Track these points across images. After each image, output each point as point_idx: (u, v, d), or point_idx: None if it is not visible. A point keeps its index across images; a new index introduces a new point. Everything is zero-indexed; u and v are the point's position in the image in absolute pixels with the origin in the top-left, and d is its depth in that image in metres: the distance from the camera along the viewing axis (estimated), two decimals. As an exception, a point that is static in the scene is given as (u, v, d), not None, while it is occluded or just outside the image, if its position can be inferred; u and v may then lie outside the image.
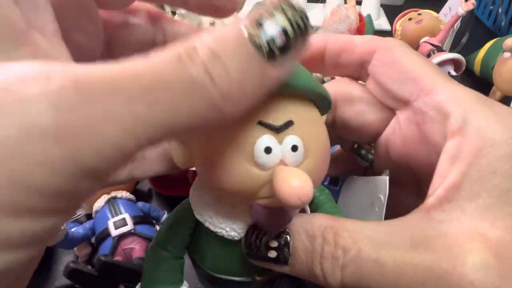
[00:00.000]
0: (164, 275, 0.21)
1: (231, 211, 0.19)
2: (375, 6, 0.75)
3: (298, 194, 0.14)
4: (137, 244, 0.33)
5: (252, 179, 0.16)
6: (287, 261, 0.17)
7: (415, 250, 0.15)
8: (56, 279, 0.34)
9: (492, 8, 0.74)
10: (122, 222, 0.33)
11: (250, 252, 0.18)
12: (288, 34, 0.12)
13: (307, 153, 0.16)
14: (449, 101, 0.16)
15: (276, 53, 0.12)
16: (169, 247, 0.21)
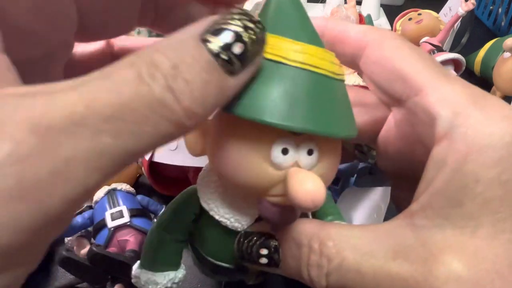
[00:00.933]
0: (163, 256, 0.22)
1: (238, 203, 0.19)
2: (375, 6, 0.75)
3: (312, 197, 0.14)
4: (132, 237, 0.33)
5: (266, 177, 0.16)
6: (278, 265, 0.17)
7: (394, 260, 0.15)
8: (56, 279, 0.34)
9: (492, 8, 0.74)
10: (119, 214, 0.33)
11: (242, 257, 0.18)
12: (244, 41, 0.13)
13: (321, 157, 0.16)
14: (437, 103, 0.16)
15: (234, 61, 0.12)
16: (171, 230, 0.21)
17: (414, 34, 0.62)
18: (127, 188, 0.37)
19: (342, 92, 0.17)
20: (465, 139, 0.15)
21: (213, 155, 0.17)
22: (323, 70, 0.15)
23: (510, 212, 0.14)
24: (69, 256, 0.29)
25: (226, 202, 0.19)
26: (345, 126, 0.16)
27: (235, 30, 0.13)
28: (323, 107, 0.15)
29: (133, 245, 0.32)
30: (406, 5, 0.83)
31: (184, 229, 0.21)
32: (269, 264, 0.17)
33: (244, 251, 0.18)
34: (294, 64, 0.15)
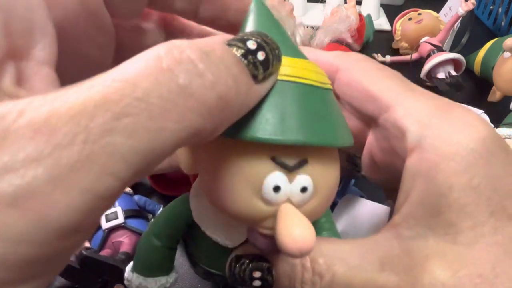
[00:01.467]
0: (155, 263, 0.22)
1: (230, 223, 0.19)
2: (375, 6, 0.75)
3: (298, 246, 0.14)
4: (127, 238, 0.33)
5: (256, 212, 0.15)
6: (272, 286, 0.17)
7: (382, 272, 0.15)
8: (56, 279, 0.34)
9: (492, 8, 0.74)
10: (114, 215, 0.33)
11: (235, 281, 0.18)
12: (266, 51, 0.13)
13: (316, 193, 0.16)
14: (405, 118, 0.16)
15: (259, 66, 0.13)
16: (163, 237, 0.21)
17: (414, 34, 0.62)
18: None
19: (331, 100, 0.16)
20: (434, 149, 0.15)
21: (204, 181, 0.17)
22: (309, 81, 0.15)
23: (486, 216, 0.14)
24: None
25: (217, 221, 0.19)
26: (340, 135, 0.16)
27: (258, 41, 0.13)
28: (315, 117, 0.15)
29: (127, 246, 0.32)
30: (406, 5, 0.83)
31: (175, 236, 0.22)
32: (262, 286, 0.17)
33: (237, 275, 0.18)
34: (280, 78, 0.14)
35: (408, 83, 0.18)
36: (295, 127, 0.14)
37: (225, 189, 0.15)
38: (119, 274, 0.29)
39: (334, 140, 0.15)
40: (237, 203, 0.15)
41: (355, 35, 0.57)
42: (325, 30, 0.55)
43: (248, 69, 0.12)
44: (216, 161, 0.15)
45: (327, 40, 0.55)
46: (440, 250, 0.15)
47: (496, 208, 0.14)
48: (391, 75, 0.18)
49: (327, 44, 0.55)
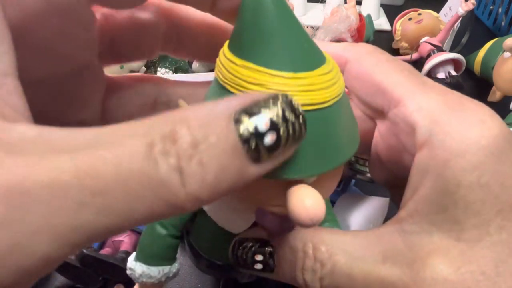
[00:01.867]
0: (159, 250, 0.22)
1: (237, 208, 0.19)
2: (375, 6, 0.75)
3: (310, 215, 0.14)
4: (127, 237, 0.33)
5: (266, 189, 0.16)
6: (273, 270, 0.18)
7: (384, 264, 0.15)
8: (56, 279, 0.34)
9: (492, 8, 0.74)
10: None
11: (237, 263, 0.18)
12: (279, 134, 0.11)
13: (323, 175, 0.16)
14: (415, 112, 0.16)
15: (262, 152, 0.11)
16: (167, 225, 0.22)
17: (414, 34, 0.62)
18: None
19: (338, 116, 0.15)
20: (444, 145, 0.15)
21: None
22: (311, 106, 0.14)
23: (493, 214, 0.14)
24: None
25: (223, 205, 0.19)
26: (343, 152, 0.15)
27: (273, 119, 0.11)
28: (316, 145, 0.14)
29: (127, 245, 0.32)
30: (406, 5, 0.83)
31: (180, 225, 0.22)
32: (264, 269, 0.18)
33: (239, 257, 0.18)
34: None
35: (419, 76, 0.18)
36: (296, 164, 0.14)
37: None
38: (120, 273, 0.29)
39: (339, 161, 0.15)
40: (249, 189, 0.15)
41: (355, 35, 0.57)
42: (325, 30, 0.55)
43: (247, 153, 0.11)
44: None
45: (327, 40, 0.55)
46: (443, 246, 0.15)
47: (504, 206, 0.14)
48: (402, 68, 0.18)
49: (327, 44, 0.55)
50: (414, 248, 0.15)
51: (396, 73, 0.18)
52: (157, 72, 0.47)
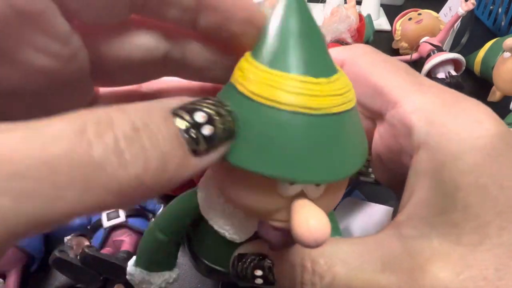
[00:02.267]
0: (159, 257, 0.22)
1: (238, 217, 0.18)
2: (375, 6, 0.75)
3: (314, 236, 0.14)
4: (128, 237, 0.33)
5: (270, 204, 0.15)
6: (274, 284, 0.17)
7: (383, 273, 0.15)
8: (56, 279, 0.34)
9: (492, 8, 0.74)
10: (115, 214, 0.33)
11: (237, 278, 0.18)
12: (215, 125, 0.12)
13: (329, 188, 0.16)
14: (412, 114, 0.16)
15: (201, 143, 0.12)
16: (168, 232, 0.21)
17: (414, 34, 0.62)
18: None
19: (346, 124, 0.15)
20: (441, 147, 0.15)
21: (218, 177, 0.17)
22: (320, 110, 0.14)
23: (492, 216, 0.14)
24: (61, 257, 0.29)
25: (226, 213, 0.19)
26: (351, 163, 0.15)
27: (208, 112, 0.12)
28: (325, 152, 0.14)
29: (128, 245, 0.32)
30: (406, 5, 0.83)
31: (181, 232, 0.21)
32: (264, 284, 0.18)
33: (239, 272, 0.18)
34: (287, 108, 0.13)
35: (416, 75, 0.18)
36: (302, 166, 0.14)
37: (240, 183, 0.15)
38: (120, 272, 0.30)
39: (346, 172, 0.15)
40: (252, 196, 0.15)
41: (355, 35, 0.57)
42: (325, 30, 0.55)
43: (187, 144, 0.11)
44: (229, 166, 0.15)
45: (327, 40, 0.55)
46: (443, 251, 0.14)
47: (503, 208, 0.14)
48: (398, 68, 0.18)
49: (327, 44, 0.55)
50: (413, 254, 0.15)
51: (392, 74, 0.18)
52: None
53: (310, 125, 0.14)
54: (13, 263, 0.32)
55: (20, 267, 0.33)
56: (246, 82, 0.14)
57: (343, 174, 0.15)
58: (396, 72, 0.18)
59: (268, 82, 0.14)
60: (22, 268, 0.33)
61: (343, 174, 0.15)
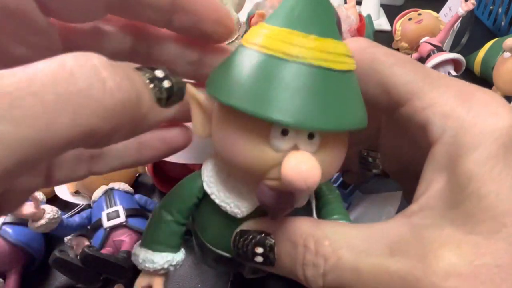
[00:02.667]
0: (164, 236, 0.22)
1: (239, 189, 0.19)
2: (375, 6, 0.75)
3: (304, 177, 0.14)
4: (128, 237, 0.33)
5: (264, 159, 0.16)
6: (273, 264, 0.17)
7: (392, 257, 0.15)
8: (56, 279, 0.34)
9: (492, 8, 0.74)
10: (115, 214, 0.33)
11: (238, 255, 0.18)
12: (172, 80, 0.15)
13: (323, 144, 0.16)
14: (426, 109, 0.16)
15: (163, 91, 0.14)
16: (173, 211, 0.21)
17: (414, 34, 0.62)
18: (125, 188, 0.36)
19: (348, 83, 0.16)
20: (457, 140, 0.15)
21: (216, 136, 0.18)
22: (329, 63, 0.15)
23: (507, 206, 0.14)
24: (61, 257, 0.29)
25: (227, 187, 0.19)
26: (350, 119, 0.16)
27: (166, 73, 0.14)
28: (328, 102, 0.15)
29: (128, 245, 0.32)
30: (406, 5, 0.83)
31: (185, 211, 0.21)
32: (264, 263, 0.17)
33: (240, 249, 0.18)
34: (296, 60, 0.15)
35: (422, 67, 0.17)
36: (307, 111, 0.14)
37: (234, 138, 0.16)
38: (121, 272, 0.30)
39: (342, 125, 0.15)
40: (246, 151, 0.16)
41: (355, 35, 0.57)
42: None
43: (153, 91, 0.14)
44: (226, 117, 0.17)
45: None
46: (456, 239, 0.14)
47: None
48: (405, 62, 0.18)
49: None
50: (425, 241, 0.15)
51: (399, 68, 0.17)
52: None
53: (312, 75, 0.15)
54: (13, 263, 0.32)
55: (20, 267, 0.33)
56: (254, 39, 0.16)
57: (336, 126, 0.15)
58: (403, 65, 0.17)
59: (278, 37, 0.15)
60: (22, 268, 0.33)
61: (336, 126, 0.15)
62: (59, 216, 0.32)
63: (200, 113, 0.18)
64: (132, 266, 0.30)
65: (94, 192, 0.36)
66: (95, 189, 0.36)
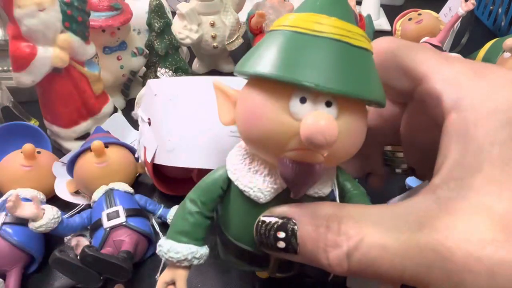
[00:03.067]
0: (188, 228, 0.22)
1: (262, 173, 0.20)
2: (375, 6, 0.75)
3: (322, 131, 0.15)
4: (128, 237, 0.33)
5: (284, 126, 0.17)
6: (296, 251, 0.17)
7: (421, 231, 0.14)
8: (56, 279, 0.34)
9: (492, 8, 0.74)
10: (115, 214, 0.33)
11: (261, 243, 0.18)
12: None
13: (341, 114, 0.17)
14: (440, 84, 0.16)
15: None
16: (198, 202, 0.22)
17: (414, 34, 0.62)
18: (125, 188, 0.36)
19: (368, 61, 0.18)
20: (472, 107, 0.15)
21: (239, 114, 0.19)
22: (349, 39, 0.17)
23: None
24: (61, 257, 0.29)
25: (251, 172, 0.20)
26: (369, 90, 0.17)
27: None
28: (348, 71, 0.16)
29: (128, 245, 0.32)
30: (406, 5, 0.83)
31: (210, 203, 0.22)
32: (286, 249, 0.17)
33: (262, 235, 0.18)
34: (319, 34, 0.16)
35: (437, 51, 0.18)
36: (328, 76, 0.16)
37: (256, 110, 0.17)
38: (121, 272, 0.29)
39: (362, 92, 0.17)
40: (267, 120, 0.17)
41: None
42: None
43: None
44: (250, 95, 0.18)
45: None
46: (486, 208, 0.14)
47: None
48: (422, 47, 0.19)
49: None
50: (453, 212, 0.14)
51: (417, 52, 0.18)
52: (157, 72, 0.47)
53: (334, 47, 0.16)
54: (13, 263, 0.32)
55: (20, 267, 0.33)
56: (282, 23, 0.18)
57: (355, 92, 0.16)
58: (420, 49, 0.18)
59: (303, 18, 0.17)
60: (22, 268, 0.33)
61: (355, 92, 0.16)
62: (59, 216, 0.32)
63: (225, 101, 0.20)
64: (132, 266, 0.30)
65: (94, 192, 0.36)
66: (95, 189, 0.36)
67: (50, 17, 0.36)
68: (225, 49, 0.58)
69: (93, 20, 0.44)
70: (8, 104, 0.46)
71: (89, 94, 0.43)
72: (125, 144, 0.39)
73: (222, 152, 0.32)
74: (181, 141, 0.34)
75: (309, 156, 0.17)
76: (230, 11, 0.56)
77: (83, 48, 0.40)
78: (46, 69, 0.38)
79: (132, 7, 0.50)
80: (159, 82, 0.37)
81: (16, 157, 0.37)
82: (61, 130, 0.44)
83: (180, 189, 0.40)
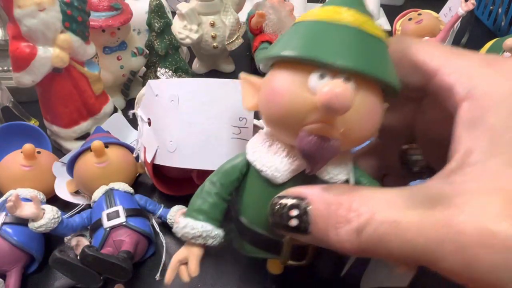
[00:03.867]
0: (206, 207, 0.23)
1: (279, 153, 0.21)
2: (375, 6, 0.75)
3: (339, 96, 0.16)
4: (128, 237, 0.33)
5: (302, 100, 0.18)
6: (308, 230, 0.17)
7: (433, 208, 0.14)
8: (56, 279, 0.34)
9: (492, 8, 0.74)
10: (115, 214, 0.33)
11: (274, 220, 0.19)
12: None
13: (357, 92, 0.18)
14: (451, 75, 0.17)
15: None
16: (217, 184, 0.23)
17: (414, 34, 0.62)
18: (125, 188, 0.36)
19: (385, 50, 0.19)
20: (485, 94, 0.15)
21: (261, 95, 0.21)
22: (366, 28, 0.18)
23: None
24: (61, 257, 0.29)
25: (269, 154, 0.22)
26: (384, 72, 0.18)
27: None
28: (365, 53, 0.18)
29: (128, 245, 0.32)
30: (406, 5, 0.83)
31: (229, 185, 0.23)
32: (299, 227, 0.17)
33: (276, 213, 0.19)
34: (343, 23, 0.18)
35: (447, 46, 0.19)
36: (346, 55, 0.17)
37: (278, 88, 0.19)
38: (121, 272, 0.29)
39: (378, 71, 0.18)
40: (287, 95, 0.18)
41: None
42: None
43: None
44: (273, 75, 0.20)
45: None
46: (501, 188, 0.14)
47: None
48: (434, 43, 0.19)
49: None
50: (468, 192, 0.14)
51: (429, 47, 0.19)
52: (157, 72, 0.47)
53: (353, 33, 0.18)
54: (13, 263, 0.32)
55: (20, 267, 0.33)
56: (305, 16, 0.20)
57: (372, 71, 0.18)
58: (431, 45, 0.19)
59: (325, 10, 0.19)
60: (22, 268, 0.33)
61: (372, 71, 0.18)
62: (59, 216, 0.32)
63: (250, 89, 0.22)
64: (132, 266, 0.30)
65: (94, 192, 0.36)
66: (95, 189, 0.36)
67: (50, 17, 0.36)
68: (225, 49, 0.58)
69: (93, 20, 0.44)
70: (8, 104, 0.46)
71: (89, 94, 0.43)
72: (125, 144, 0.39)
73: (224, 153, 0.32)
74: (182, 142, 0.34)
75: (326, 130, 0.18)
76: (230, 11, 0.56)
77: (83, 48, 0.41)
78: (46, 69, 0.38)
79: (132, 7, 0.50)
80: (160, 82, 0.37)
81: (16, 157, 0.37)
82: (61, 130, 0.44)
83: (179, 189, 0.40)
